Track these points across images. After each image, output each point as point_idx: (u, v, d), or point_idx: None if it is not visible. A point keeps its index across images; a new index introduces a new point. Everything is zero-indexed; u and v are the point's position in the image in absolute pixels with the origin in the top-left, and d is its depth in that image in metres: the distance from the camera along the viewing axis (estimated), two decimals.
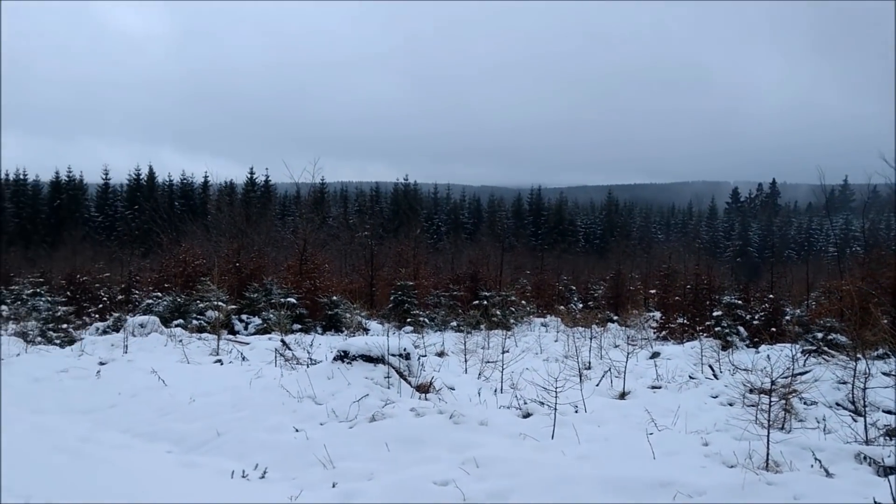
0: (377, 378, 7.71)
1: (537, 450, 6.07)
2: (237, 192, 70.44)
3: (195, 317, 15.79)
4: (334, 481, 5.51)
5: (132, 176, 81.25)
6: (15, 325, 16.58)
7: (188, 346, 12.20)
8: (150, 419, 7.45)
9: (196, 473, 5.79)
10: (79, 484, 5.35)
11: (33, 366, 10.46)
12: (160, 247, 25.23)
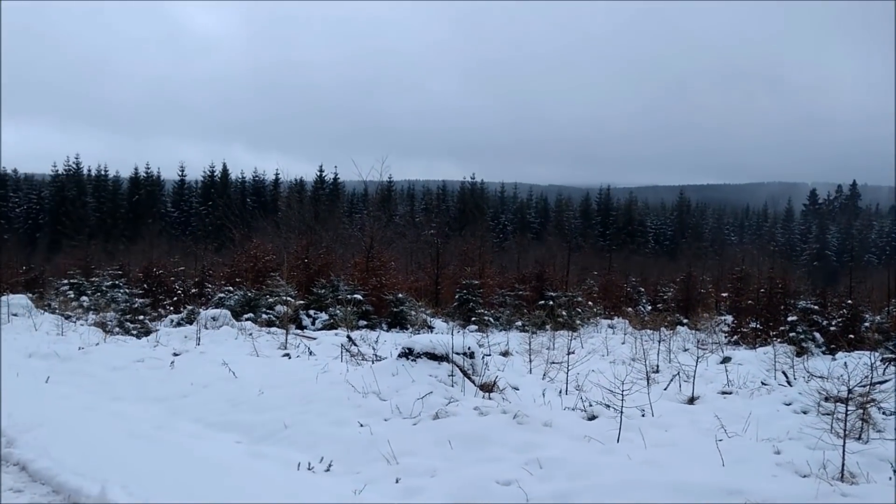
0: (441, 376, 7.71)
1: (602, 453, 5.97)
2: (307, 190, 71.72)
3: (265, 311, 16.11)
4: (398, 477, 5.53)
5: (206, 173, 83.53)
6: (95, 316, 17.24)
7: (258, 339, 12.45)
8: (220, 409, 7.63)
9: (264, 464, 5.90)
10: (153, 470, 5.51)
11: (112, 355, 10.86)
12: (232, 242, 25.84)
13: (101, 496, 4.83)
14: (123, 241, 44.64)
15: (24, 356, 11.22)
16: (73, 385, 9.15)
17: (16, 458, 5.88)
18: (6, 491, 5.21)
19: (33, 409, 7.49)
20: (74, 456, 5.78)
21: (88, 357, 10.90)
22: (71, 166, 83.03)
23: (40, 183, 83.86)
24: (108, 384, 9.18)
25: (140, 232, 42.31)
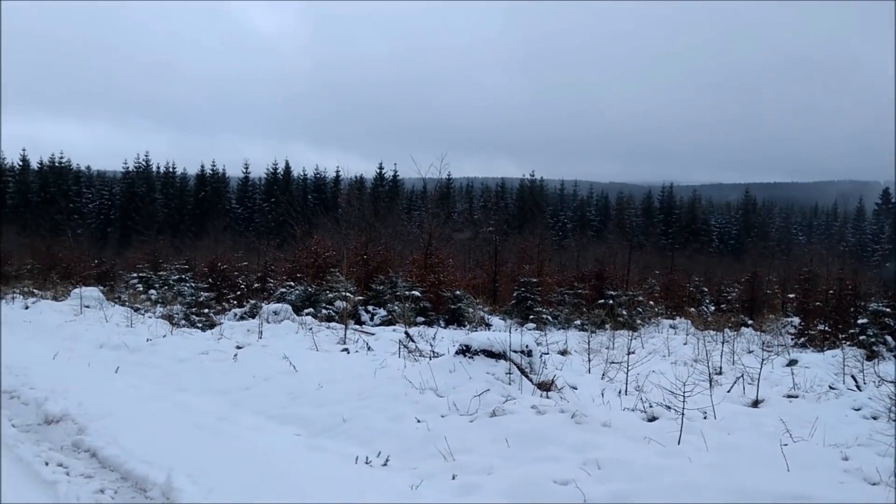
0: (498, 374, 7.69)
1: (662, 455, 5.87)
2: (366, 187, 72.42)
3: (324, 306, 16.34)
4: (454, 473, 5.54)
5: (269, 170, 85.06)
6: (162, 308, 17.74)
7: (317, 334, 12.64)
8: (281, 402, 7.76)
9: (322, 457, 5.98)
10: (216, 460, 5.64)
11: (178, 347, 11.15)
12: (294, 238, 26.24)
13: (166, 484, 4.97)
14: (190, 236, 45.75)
15: (96, 347, 11.63)
16: (141, 376, 9.43)
17: (87, 444, 6.09)
18: (78, 476, 5.40)
19: (103, 398, 7.75)
20: (142, 444, 5.96)
21: (156, 349, 11.22)
22: (141, 163, 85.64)
23: (112, 180, 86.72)
24: (174, 375, 9.43)
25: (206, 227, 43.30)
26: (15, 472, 5.47)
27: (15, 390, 8.24)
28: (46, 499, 4.92)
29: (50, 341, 12.27)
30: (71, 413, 6.93)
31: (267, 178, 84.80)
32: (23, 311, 16.67)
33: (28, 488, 5.12)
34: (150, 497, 5.01)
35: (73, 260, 31.35)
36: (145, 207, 77.41)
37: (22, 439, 6.35)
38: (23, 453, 5.88)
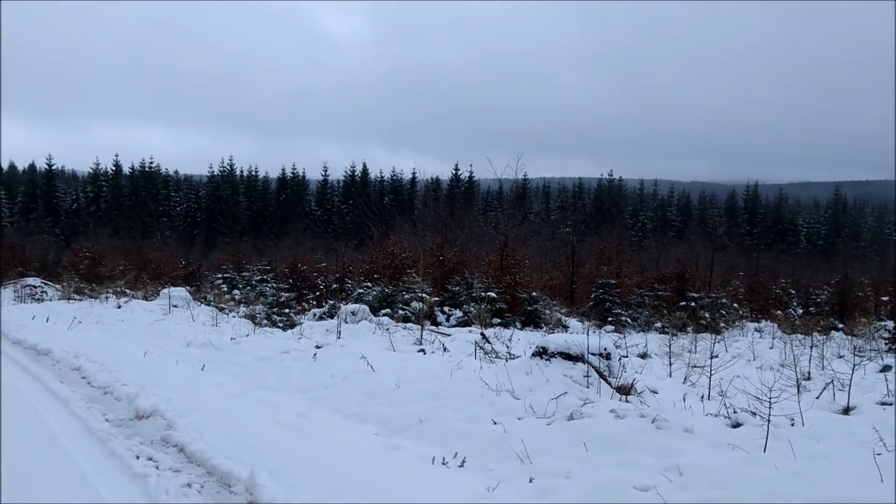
0: (576, 376, 7.60)
1: (747, 462, 5.68)
2: (442, 188, 72.77)
3: (401, 307, 16.48)
4: (531, 476, 5.50)
5: (347, 173, 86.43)
6: (245, 308, 18.23)
7: (394, 334, 12.76)
8: (359, 401, 7.86)
9: (399, 456, 6.03)
10: (296, 456, 5.75)
11: (260, 346, 11.44)
12: (371, 239, 26.59)
13: (250, 480, 5.10)
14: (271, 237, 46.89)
15: (183, 345, 12.04)
16: (226, 373, 9.71)
17: (175, 439, 6.31)
18: (167, 470, 5.60)
19: (190, 394, 8.02)
20: (226, 440, 6.14)
21: (239, 347, 11.54)
22: (225, 168, 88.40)
23: (198, 183, 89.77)
24: (257, 373, 9.67)
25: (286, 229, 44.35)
26: (108, 465, 5.71)
27: (108, 386, 8.62)
28: (137, 491, 5.11)
29: (141, 339, 12.78)
30: (160, 409, 7.20)
31: (345, 181, 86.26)
32: (116, 311, 17.39)
33: (120, 481, 5.34)
34: (234, 492, 5.15)
35: (162, 261, 32.57)
36: (229, 210, 79.88)
37: (115, 433, 6.63)
38: (115, 447, 6.13)
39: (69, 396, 8.22)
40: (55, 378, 9.46)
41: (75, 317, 15.89)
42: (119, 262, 30.96)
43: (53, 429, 6.71)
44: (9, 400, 8.11)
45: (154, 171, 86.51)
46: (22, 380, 9.40)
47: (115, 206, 78.82)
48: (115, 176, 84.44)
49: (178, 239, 56.33)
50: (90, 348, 11.31)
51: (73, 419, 7.19)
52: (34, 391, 8.64)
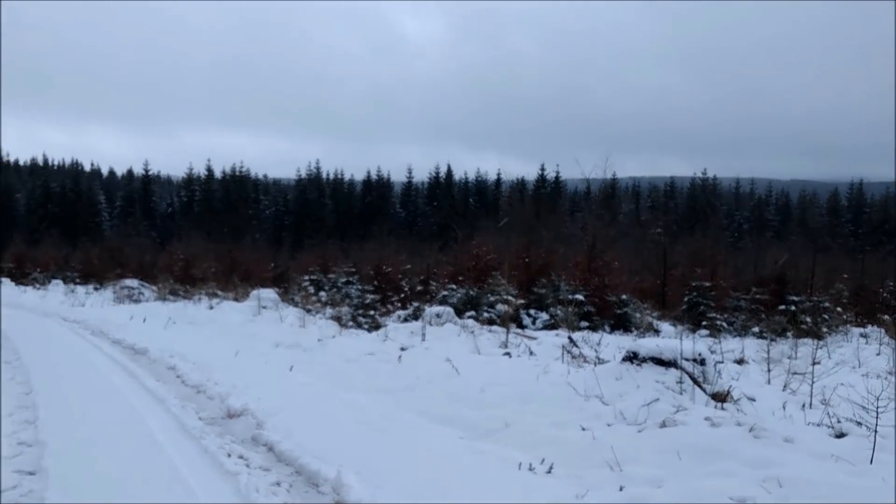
0: (668, 382, 7.34)
1: (852, 474, 5.34)
2: (528, 189, 72.35)
3: (486, 309, 16.39)
4: (621, 484, 5.32)
5: (431, 174, 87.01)
6: (331, 310, 18.50)
7: (479, 337, 12.66)
8: (443, 404, 7.81)
9: (485, 460, 5.94)
10: (382, 458, 5.74)
11: (346, 347, 11.56)
12: (455, 241, 26.58)
13: (336, 480, 5.11)
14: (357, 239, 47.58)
15: (272, 346, 12.29)
16: (313, 374, 9.83)
17: (264, 439, 6.40)
18: (256, 468, 5.68)
19: (279, 394, 8.15)
20: (313, 440, 6.18)
21: (326, 348, 11.69)
22: (312, 171, 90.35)
23: (286, 187, 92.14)
24: (343, 374, 9.75)
25: (371, 231, 44.89)
26: (201, 462, 5.84)
27: (201, 385, 8.85)
28: (229, 488, 5.19)
29: (232, 340, 13.12)
30: (250, 408, 7.33)
31: (429, 182, 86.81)
32: (208, 311, 17.93)
33: (212, 478, 5.43)
34: (322, 492, 5.17)
35: (251, 263, 33.50)
36: (316, 212, 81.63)
37: (208, 431, 6.78)
38: (208, 445, 6.27)
39: (164, 395, 8.48)
40: (151, 377, 9.79)
41: (170, 317, 16.46)
42: (211, 264, 31.97)
43: (150, 426, 6.92)
44: (110, 398, 8.43)
45: (244, 175, 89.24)
46: (121, 378, 9.76)
47: (207, 210, 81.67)
48: (208, 180, 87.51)
49: (267, 241, 57.99)
50: (184, 348, 11.66)
51: (169, 417, 7.39)
52: (132, 389, 8.95)
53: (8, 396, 8.27)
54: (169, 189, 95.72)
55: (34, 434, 6.55)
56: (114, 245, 42.76)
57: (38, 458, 5.82)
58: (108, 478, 5.38)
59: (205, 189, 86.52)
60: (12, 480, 5.33)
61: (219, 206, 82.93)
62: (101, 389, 8.89)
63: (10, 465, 5.69)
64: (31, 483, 5.27)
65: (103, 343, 13.49)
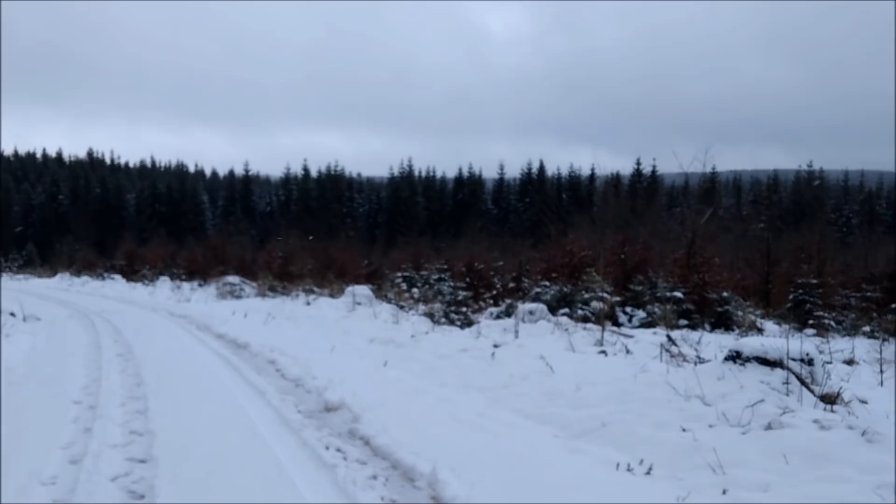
0: (774, 383, 7.04)
1: None
2: (622, 183, 71.02)
3: (580, 307, 16.17)
4: (724, 488, 5.14)
5: (524, 170, 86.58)
6: (424, 306, 18.66)
7: (573, 335, 12.51)
8: (538, 402, 7.74)
9: (582, 460, 5.85)
10: (476, 454, 5.73)
11: (438, 344, 11.62)
12: (548, 237, 26.33)
13: (432, 476, 5.13)
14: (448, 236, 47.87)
15: (367, 341, 12.48)
16: (406, 370, 9.92)
17: (361, 433, 6.49)
18: (353, 462, 5.77)
19: (374, 389, 8.26)
20: (408, 435, 6.23)
21: (419, 344, 11.78)
22: (404, 169, 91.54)
23: (379, 185, 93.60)
24: (436, 371, 9.80)
25: (463, 228, 45.05)
26: (300, 454, 5.97)
27: (300, 379, 9.07)
28: (327, 480, 5.29)
29: (328, 335, 13.39)
30: (347, 402, 7.45)
31: (521, 178, 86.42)
32: (305, 307, 18.40)
33: (311, 470, 5.55)
34: (417, 487, 5.20)
35: (346, 260, 34.13)
36: (408, 210, 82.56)
37: (306, 424, 6.94)
38: (307, 437, 6.41)
39: (265, 388, 8.73)
40: (252, 370, 10.10)
41: (269, 313, 16.96)
42: (307, 262, 32.76)
43: (252, 418, 7.13)
44: (214, 390, 8.75)
45: (339, 174, 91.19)
46: (224, 371, 10.12)
47: (303, 209, 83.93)
48: (304, 180, 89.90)
49: (361, 239, 59.00)
50: (283, 343, 11.98)
51: (269, 409, 7.61)
52: (235, 382, 9.26)
53: (121, 387, 8.70)
54: (268, 188, 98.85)
55: (145, 424, 6.85)
56: (216, 243, 44.37)
57: (148, 446, 6.08)
58: (213, 467, 5.57)
59: (301, 188, 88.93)
60: (125, 468, 5.58)
61: (314, 204, 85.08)
62: (206, 382, 9.23)
63: (123, 452, 5.97)
64: (142, 470, 5.51)
65: (207, 337, 14.02)
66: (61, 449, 6.01)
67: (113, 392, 8.38)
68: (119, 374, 9.59)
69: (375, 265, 35.89)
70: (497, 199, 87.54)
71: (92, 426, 6.72)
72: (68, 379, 9.18)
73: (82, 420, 7.01)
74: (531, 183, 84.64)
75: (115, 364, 10.46)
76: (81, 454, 5.82)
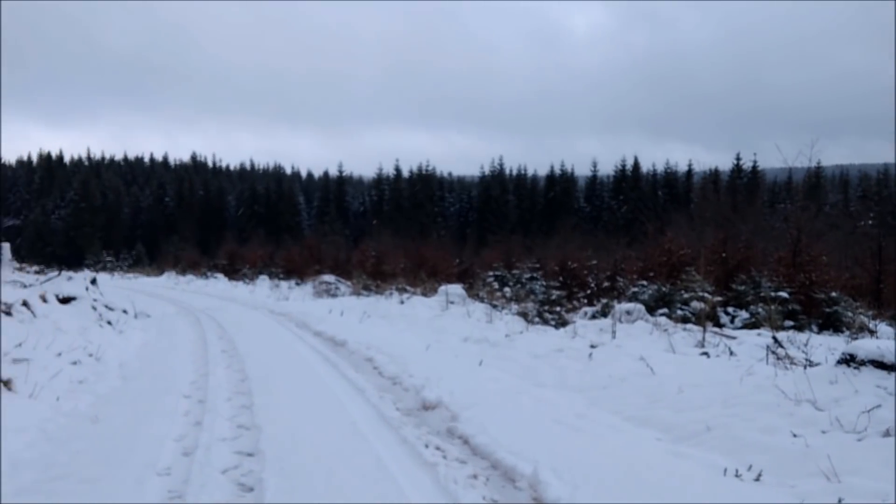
0: (891, 388, 6.66)
1: None
2: (721, 180, 68.88)
3: (679, 307, 15.74)
4: (840, 497, 4.90)
5: (617, 167, 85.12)
6: (516, 306, 18.57)
7: (673, 335, 12.19)
8: (639, 404, 7.58)
9: (686, 464, 5.69)
10: (577, 456, 5.65)
11: (533, 343, 11.54)
12: (644, 236, 25.79)
13: (533, 477, 5.09)
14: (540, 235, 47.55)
15: (461, 340, 12.52)
16: (501, 369, 9.89)
17: (459, 431, 6.51)
18: (453, 461, 5.79)
19: (470, 388, 8.27)
20: (507, 435, 6.21)
21: (513, 344, 11.73)
22: (495, 167, 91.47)
23: (470, 184, 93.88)
24: (531, 370, 9.74)
25: (555, 227, 44.68)
26: (400, 451, 6.04)
27: (396, 377, 9.18)
28: (428, 478, 5.33)
29: (421, 333, 13.51)
30: (444, 401, 7.49)
31: (615, 175, 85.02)
32: (399, 306, 18.60)
33: (412, 467, 5.61)
34: (518, 488, 5.18)
35: (437, 259, 34.36)
36: (499, 209, 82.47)
37: (405, 422, 7.02)
38: (406, 435, 6.48)
39: (364, 385, 8.88)
40: (350, 367, 10.29)
41: (364, 311, 17.24)
42: (400, 261, 33.15)
43: (352, 415, 7.27)
44: (315, 386, 8.96)
45: (430, 173, 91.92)
46: (324, 367, 10.35)
47: (395, 208, 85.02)
48: (396, 180, 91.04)
49: (452, 238, 59.29)
50: (378, 341, 12.15)
51: (368, 406, 7.73)
52: (334, 378, 9.46)
53: (227, 382, 9.02)
54: (360, 189, 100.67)
55: (251, 418, 7.08)
56: (312, 243, 45.47)
57: (255, 440, 6.27)
58: (317, 462, 5.70)
59: (393, 188, 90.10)
60: (234, 460, 5.78)
61: (406, 203, 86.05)
62: (307, 378, 9.46)
63: (232, 446, 6.18)
64: (251, 464, 5.69)
65: (306, 334, 14.37)
66: (174, 441, 6.28)
67: (219, 387, 8.70)
68: (224, 370, 9.94)
69: (466, 264, 35.98)
70: (590, 196, 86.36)
71: (202, 420, 6.99)
72: (178, 374, 9.60)
73: (193, 414, 7.30)
74: (625, 180, 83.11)
75: (221, 360, 10.86)
76: (193, 447, 6.06)
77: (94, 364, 9.66)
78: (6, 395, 7.18)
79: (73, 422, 6.89)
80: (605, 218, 78.80)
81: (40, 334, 9.67)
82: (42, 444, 6.11)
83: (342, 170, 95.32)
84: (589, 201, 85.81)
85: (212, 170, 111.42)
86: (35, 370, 8.03)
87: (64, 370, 8.60)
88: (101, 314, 13.97)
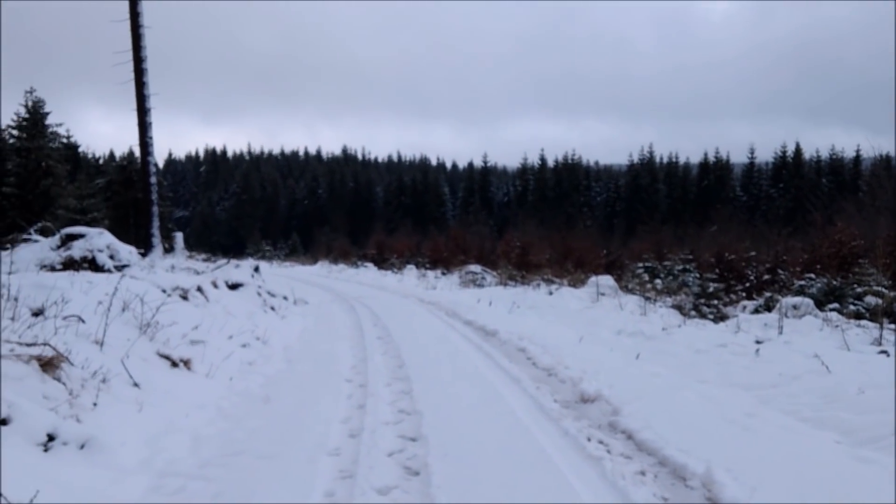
0: None
1: None
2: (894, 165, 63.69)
3: (852, 301, 14.68)
4: None
5: (776, 154, 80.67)
6: (670, 298, 17.96)
7: (846, 332, 11.37)
8: (814, 404, 7.11)
9: (871, 470, 5.29)
10: (752, 457, 5.38)
11: (693, 337, 11.09)
12: (809, 225, 24.25)
13: (706, 476, 4.89)
14: (693, 225, 45.75)
15: (614, 333, 12.24)
16: (660, 363, 9.57)
17: (622, 426, 6.36)
18: (618, 455, 5.66)
19: (628, 382, 8.07)
20: (674, 432, 6.00)
21: (671, 338, 11.33)
22: (644, 156, 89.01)
23: (617, 173, 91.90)
24: (692, 366, 9.36)
25: (708, 216, 42.79)
26: (563, 443, 5.98)
27: (551, 368, 9.09)
28: (594, 472, 5.24)
29: (572, 325, 13.32)
30: (604, 394, 7.35)
31: (775, 163, 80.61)
32: (547, 297, 18.46)
33: (576, 460, 5.54)
34: (690, 486, 4.98)
35: (584, 250, 33.77)
36: (649, 198, 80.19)
37: (564, 414, 6.94)
38: (567, 427, 6.40)
39: (519, 375, 8.86)
40: (503, 357, 10.30)
41: (513, 301, 17.21)
42: (545, 251, 32.87)
43: (511, 405, 7.27)
44: (470, 374, 9.04)
45: (576, 163, 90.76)
46: (477, 356, 10.43)
47: (540, 198, 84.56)
48: (541, 170, 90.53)
49: (598, 228, 58.21)
50: (529, 331, 12.09)
51: (526, 397, 7.71)
52: (489, 367, 9.51)
53: (385, 368, 9.27)
54: (504, 179, 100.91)
55: (411, 404, 7.23)
56: (457, 233, 45.97)
57: (417, 426, 6.40)
58: (480, 449, 5.74)
59: (538, 178, 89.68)
60: (398, 444, 5.93)
61: (551, 193, 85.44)
62: (462, 366, 9.56)
63: (395, 430, 6.35)
64: (415, 448, 5.81)
65: (456, 323, 14.53)
66: (340, 423, 6.52)
67: (378, 372, 8.95)
68: (382, 356, 10.23)
69: (614, 255, 35.17)
70: (746, 184, 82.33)
71: (364, 403, 7.22)
72: (338, 358, 9.98)
73: (355, 397, 7.56)
74: (786, 167, 78.58)
75: (377, 346, 11.18)
76: (359, 429, 6.26)
77: (261, 347, 10.21)
78: (186, 374, 7.72)
79: (246, 401, 7.30)
80: (763, 207, 74.91)
81: (213, 318, 10.33)
82: (220, 422, 6.50)
83: (486, 160, 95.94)
84: (745, 190, 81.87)
85: (361, 162, 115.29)
86: (210, 351, 8.59)
87: (235, 352, 9.15)
88: (265, 300, 14.77)
